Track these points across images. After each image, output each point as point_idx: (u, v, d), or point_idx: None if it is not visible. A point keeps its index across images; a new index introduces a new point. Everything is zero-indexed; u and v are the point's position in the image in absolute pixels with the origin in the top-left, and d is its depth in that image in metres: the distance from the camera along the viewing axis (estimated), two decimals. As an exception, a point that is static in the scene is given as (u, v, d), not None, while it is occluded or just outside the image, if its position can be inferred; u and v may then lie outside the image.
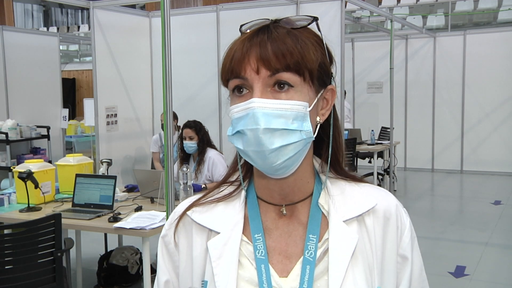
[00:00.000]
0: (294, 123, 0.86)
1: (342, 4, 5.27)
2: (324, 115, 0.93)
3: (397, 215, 0.97)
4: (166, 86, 3.25)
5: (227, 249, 0.92)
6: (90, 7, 5.68)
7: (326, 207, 0.94)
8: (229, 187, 1.00)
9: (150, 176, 4.06)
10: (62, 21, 18.49)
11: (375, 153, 7.65)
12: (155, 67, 6.39)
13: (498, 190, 8.17)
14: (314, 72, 0.88)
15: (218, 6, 6.05)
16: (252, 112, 0.84)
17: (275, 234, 0.94)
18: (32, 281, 2.97)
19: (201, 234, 0.96)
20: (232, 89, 0.89)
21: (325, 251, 0.91)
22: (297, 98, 0.86)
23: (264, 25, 0.90)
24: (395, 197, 1.00)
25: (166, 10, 3.26)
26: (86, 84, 13.85)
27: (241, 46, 0.88)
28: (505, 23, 10.77)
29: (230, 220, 0.94)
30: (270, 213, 0.95)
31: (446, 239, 5.67)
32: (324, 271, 0.89)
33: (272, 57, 0.85)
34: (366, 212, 0.94)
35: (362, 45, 10.24)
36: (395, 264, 0.95)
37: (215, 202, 0.98)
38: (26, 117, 7.76)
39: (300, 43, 0.87)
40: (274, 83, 0.86)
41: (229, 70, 0.88)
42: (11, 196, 3.94)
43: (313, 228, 0.92)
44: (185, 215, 0.98)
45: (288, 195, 0.94)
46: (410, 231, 0.97)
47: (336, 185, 0.97)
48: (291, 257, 0.92)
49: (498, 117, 9.28)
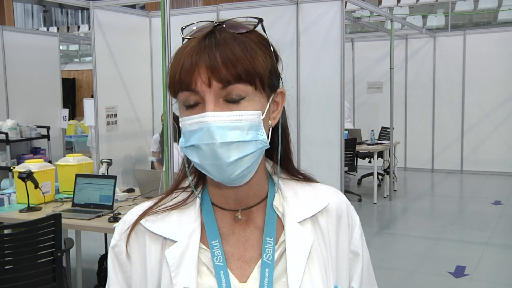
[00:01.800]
0: (249, 133, 0.85)
1: (342, 4, 5.27)
2: (276, 118, 0.93)
3: (348, 212, 0.99)
4: (166, 86, 3.25)
5: (186, 258, 0.90)
6: (90, 7, 5.68)
7: (280, 209, 0.94)
8: (182, 194, 0.97)
9: (150, 176, 4.06)
10: (62, 21, 18.49)
11: (375, 153, 7.65)
12: (155, 67, 6.38)
13: (498, 190, 8.17)
14: (265, 79, 0.87)
15: (218, 6, 6.05)
16: (207, 127, 0.83)
17: (232, 239, 0.93)
18: (32, 281, 2.97)
19: (156, 243, 0.93)
20: (183, 102, 0.86)
21: (282, 253, 0.91)
22: (250, 107, 0.85)
23: (209, 30, 0.87)
24: (344, 195, 1.02)
25: (166, 10, 3.26)
26: (86, 84, 13.85)
27: (189, 56, 0.85)
28: (505, 23, 10.77)
29: (186, 228, 0.92)
30: (226, 219, 0.95)
31: (446, 239, 5.67)
32: (283, 272, 0.90)
33: (222, 68, 0.83)
34: (319, 212, 0.95)
35: (362, 45, 10.24)
36: (348, 260, 0.97)
37: (169, 210, 0.95)
38: (26, 117, 7.76)
39: (249, 50, 0.85)
40: (226, 95, 0.84)
41: (178, 81, 0.85)
42: (11, 196, 3.94)
43: (269, 231, 0.92)
44: (137, 224, 0.95)
45: (243, 200, 0.94)
46: (360, 227, 1.00)
47: (289, 187, 0.97)
48: (249, 261, 0.92)
49: (498, 117, 9.29)
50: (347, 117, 8.40)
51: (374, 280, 1.03)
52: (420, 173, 9.75)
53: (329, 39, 5.37)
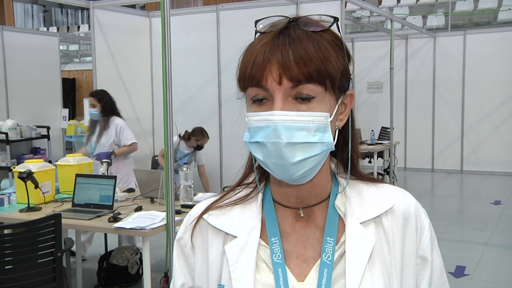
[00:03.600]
0: (316, 135, 0.84)
1: (342, 4, 5.27)
2: (343, 120, 0.92)
3: (416, 215, 0.94)
4: (166, 86, 3.25)
5: (244, 253, 0.91)
6: (90, 7, 5.68)
7: (342, 209, 0.93)
8: (245, 189, 0.98)
9: (150, 176, 4.06)
10: (62, 21, 18.49)
11: (375, 153, 7.65)
12: (155, 67, 6.38)
13: (498, 190, 8.17)
14: (336, 81, 0.87)
15: (218, 6, 6.04)
16: (274, 126, 0.83)
17: (292, 237, 0.93)
18: (32, 281, 2.97)
19: (218, 238, 0.95)
20: (252, 98, 0.87)
21: (342, 254, 0.90)
22: (319, 109, 0.85)
23: (283, 27, 0.86)
24: (413, 197, 0.98)
25: (166, 10, 3.26)
26: (86, 84, 13.85)
27: (261, 52, 0.85)
28: (505, 23, 10.77)
29: (247, 223, 0.94)
30: (287, 216, 0.94)
31: (446, 239, 5.67)
32: (341, 274, 0.88)
33: (294, 66, 0.82)
34: (383, 213, 0.92)
35: (362, 45, 10.24)
36: (415, 266, 0.93)
37: (232, 205, 0.97)
38: (26, 117, 7.76)
39: (322, 50, 0.84)
40: (295, 94, 0.84)
41: (249, 77, 0.85)
42: (11, 196, 3.93)
43: (330, 231, 0.91)
44: (201, 218, 0.97)
45: (305, 199, 0.93)
46: (430, 231, 0.95)
47: (353, 187, 0.95)
48: (308, 260, 0.91)
49: (498, 117, 9.28)
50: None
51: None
52: (420, 173, 9.75)
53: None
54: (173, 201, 3.29)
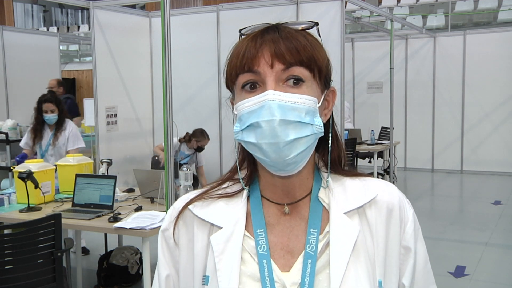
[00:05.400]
0: (307, 117, 0.87)
1: (342, 4, 5.27)
2: (326, 116, 0.95)
3: (400, 206, 0.96)
4: (166, 86, 3.25)
5: (230, 244, 0.92)
6: (90, 7, 5.68)
7: (326, 201, 0.94)
8: (234, 185, 1.00)
9: (150, 176, 4.06)
10: (62, 21, 18.49)
11: (375, 153, 7.65)
12: (155, 67, 6.38)
13: (498, 190, 8.17)
14: (323, 70, 0.91)
15: (218, 6, 6.05)
16: (268, 104, 0.85)
17: (277, 229, 0.94)
18: (32, 281, 2.97)
19: (203, 229, 0.96)
20: (243, 85, 0.89)
21: (326, 244, 0.91)
22: (308, 93, 0.88)
23: (271, 25, 0.91)
24: (397, 189, 0.99)
25: (166, 10, 3.26)
26: (86, 84, 13.84)
27: (253, 43, 0.88)
28: (505, 23, 10.77)
29: (232, 215, 0.95)
30: (272, 209, 0.96)
31: (446, 239, 5.67)
32: (326, 264, 0.90)
33: (286, 52, 0.87)
34: (367, 203, 0.94)
35: (362, 45, 10.24)
36: (398, 256, 0.94)
37: (217, 198, 0.98)
38: (26, 117, 7.73)
39: (311, 42, 0.90)
40: (286, 78, 0.87)
41: (241, 65, 0.88)
42: (11, 196, 3.93)
43: (314, 222, 0.93)
44: (185, 209, 0.98)
45: (291, 191, 0.95)
46: (414, 222, 0.97)
47: (337, 181, 0.97)
48: (293, 252, 0.92)
49: (498, 117, 9.28)
50: (347, 117, 8.41)
51: (433, 279, 1.00)
52: (420, 173, 9.75)
53: (329, 39, 5.36)
54: (173, 201, 3.29)
